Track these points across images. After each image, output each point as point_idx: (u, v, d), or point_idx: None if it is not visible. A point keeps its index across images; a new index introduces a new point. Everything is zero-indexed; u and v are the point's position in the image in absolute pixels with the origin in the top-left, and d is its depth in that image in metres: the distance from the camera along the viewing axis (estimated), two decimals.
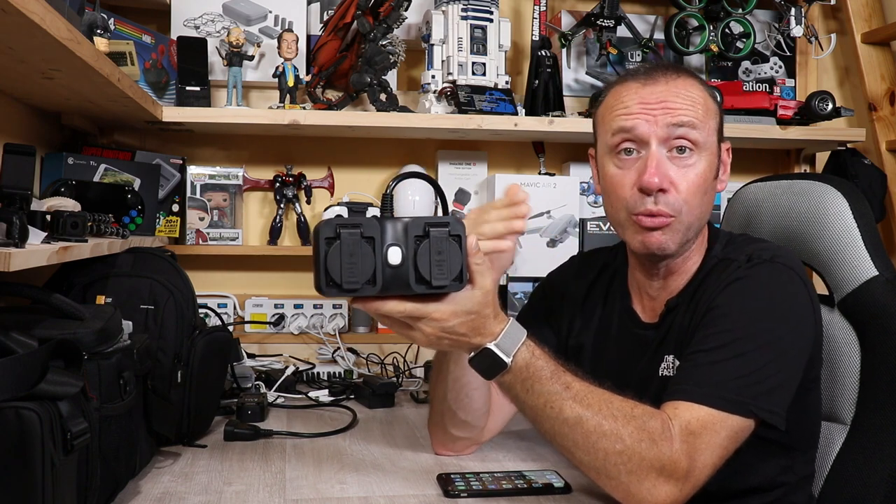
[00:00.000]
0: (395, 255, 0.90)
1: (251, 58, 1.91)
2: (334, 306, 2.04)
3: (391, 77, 1.99)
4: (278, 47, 1.88)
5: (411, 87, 2.14)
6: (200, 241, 2.00)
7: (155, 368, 1.27)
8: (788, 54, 2.18)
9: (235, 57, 1.86)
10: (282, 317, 2.01)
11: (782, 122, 2.00)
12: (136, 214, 1.60)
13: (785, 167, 2.27)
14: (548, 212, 2.02)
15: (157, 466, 1.23)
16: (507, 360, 0.98)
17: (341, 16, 1.90)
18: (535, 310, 1.37)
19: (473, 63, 1.93)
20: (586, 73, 2.16)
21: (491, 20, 1.94)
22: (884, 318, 1.21)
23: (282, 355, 1.96)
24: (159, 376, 1.29)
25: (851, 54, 2.19)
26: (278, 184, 2.04)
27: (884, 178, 2.06)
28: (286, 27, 1.96)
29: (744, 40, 2.10)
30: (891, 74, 2.14)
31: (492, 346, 0.98)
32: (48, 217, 1.12)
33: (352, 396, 1.73)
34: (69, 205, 1.27)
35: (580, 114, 2.04)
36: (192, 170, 2.01)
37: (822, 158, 2.20)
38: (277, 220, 2.04)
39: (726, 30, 2.09)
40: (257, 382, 1.73)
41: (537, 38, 2.04)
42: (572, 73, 2.16)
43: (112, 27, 1.72)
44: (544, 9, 2.06)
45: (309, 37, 2.03)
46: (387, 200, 0.96)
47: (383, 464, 1.26)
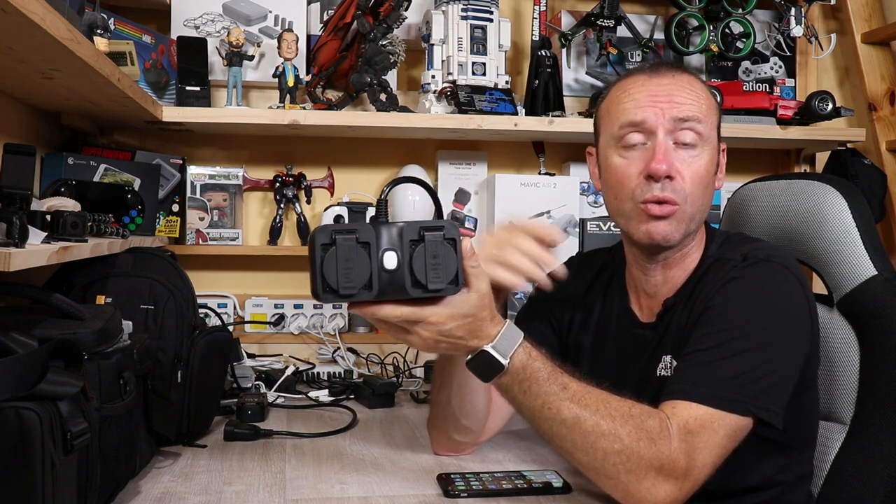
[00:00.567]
0: (390, 260, 0.91)
1: (251, 58, 1.91)
2: (334, 306, 2.03)
3: (391, 77, 1.99)
4: (278, 47, 1.88)
5: (411, 87, 2.14)
6: (200, 241, 2.00)
7: (155, 368, 1.27)
8: (788, 54, 2.18)
9: (235, 57, 1.86)
10: (282, 317, 2.01)
11: (782, 122, 2.00)
12: (136, 214, 1.60)
13: (785, 167, 2.27)
14: (548, 212, 2.02)
15: (157, 466, 1.23)
16: (505, 362, 0.98)
17: (341, 16, 1.90)
18: (534, 309, 1.37)
19: (473, 63, 1.93)
20: (586, 73, 2.17)
21: (491, 20, 1.94)
22: (883, 318, 1.21)
23: (282, 355, 1.96)
24: (159, 376, 1.29)
25: (851, 54, 2.19)
26: (278, 184, 2.04)
27: (884, 178, 2.06)
28: (286, 27, 1.96)
29: (744, 40, 2.10)
30: (891, 74, 2.14)
31: (489, 348, 0.98)
32: (48, 217, 1.12)
33: (352, 396, 1.73)
34: (69, 205, 1.27)
35: (580, 114, 2.04)
36: (192, 170, 2.01)
37: (822, 158, 2.20)
38: (277, 220, 2.04)
39: (726, 30, 2.09)
40: (257, 382, 1.73)
41: (537, 38, 2.04)
42: (572, 73, 2.16)
43: (112, 27, 1.72)
44: (544, 9, 2.06)
45: (309, 37, 2.03)
46: (382, 205, 0.96)
47: (383, 464, 1.26)
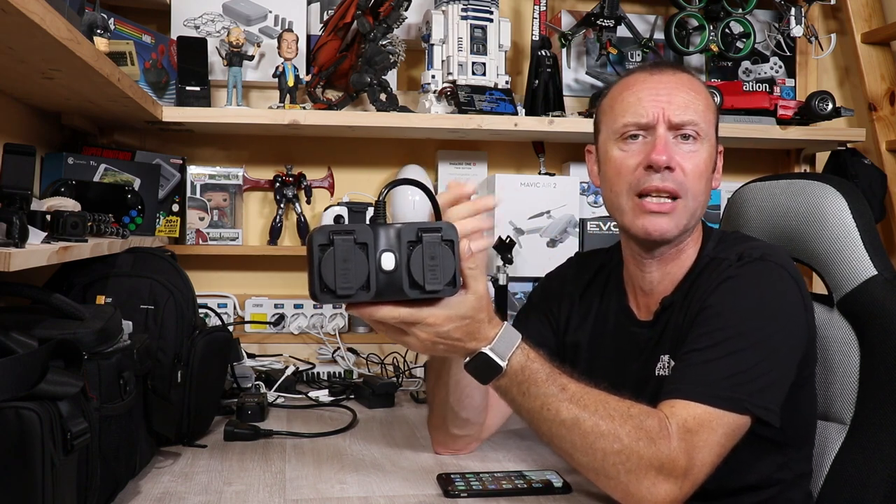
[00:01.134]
0: (388, 261, 0.91)
1: (251, 58, 1.91)
2: (334, 306, 2.03)
3: (391, 77, 1.99)
4: (278, 47, 1.88)
5: (411, 87, 2.14)
6: (200, 241, 2.00)
7: (155, 368, 1.27)
8: (788, 54, 2.18)
9: (235, 57, 1.86)
10: (282, 317, 2.01)
11: (782, 122, 2.00)
12: (136, 214, 1.60)
13: (785, 167, 2.27)
14: (548, 212, 2.02)
15: (157, 466, 1.23)
16: (503, 363, 0.98)
17: (341, 16, 1.90)
18: (533, 309, 1.38)
19: (473, 63, 1.93)
20: (586, 73, 2.17)
21: (491, 20, 1.94)
22: (883, 318, 1.21)
23: (282, 355, 1.96)
24: (159, 376, 1.29)
25: (851, 54, 2.19)
26: (278, 184, 2.04)
27: (884, 178, 2.06)
28: (286, 27, 1.96)
29: (744, 40, 2.10)
30: (891, 74, 2.14)
31: (487, 350, 0.98)
32: (48, 217, 1.12)
33: (352, 396, 1.73)
34: (69, 205, 1.27)
35: (580, 114, 2.04)
36: (192, 170, 2.01)
37: (822, 158, 2.20)
38: (277, 220, 2.04)
39: (726, 30, 2.09)
40: (257, 382, 1.73)
41: (537, 38, 2.04)
42: (572, 73, 2.16)
43: (112, 27, 1.72)
44: (544, 9, 2.06)
45: (309, 37, 2.03)
46: (380, 207, 0.96)
47: (383, 464, 1.26)
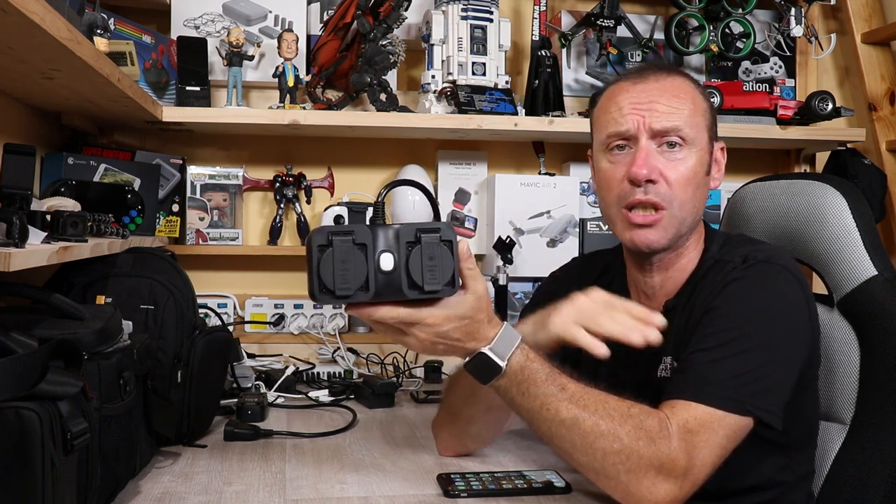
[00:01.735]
0: (387, 262, 0.91)
1: (251, 58, 1.91)
2: (334, 307, 2.03)
3: (391, 77, 1.99)
4: (278, 47, 1.88)
5: (411, 87, 2.14)
6: (200, 241, 2.00)
7: (155, 368, 1.27)
8: (788, 54, 2.18)
9: (235, 57, 1.86)
10: (282, 317, 2.01)
11: (782, 122, 2.00)
12: (136, 214, 1.60)
13: (785, 167, 2.27)
14: (548, 212, 2.02)
15: (157, 466, 1.23)
16: (502, 364, 0.98)
17: (341, 16, 1.90)
18: (536, 309, 1.37)
19: (473, 63, 1.93)
20: (586, 73, 2.16)
21: (491, 20, 1.94)
22: (883, 318, 1.21)
23: (282, 355, 1.96)
24: (159, 376, 1.29)
25: (851, 54, 2.19)
26: (278, 184, 2.04)
27: (884, 178, 2.06)
28: (286, 27, 1.96)
29: (744, 40, 2.10)
30: (891, 74, 2.14)
31: (486, 350, 0.98)
32: (48, 217, 1.12)
33: (352, 396, 1.73)
34: (69, 205, 1.27)
35: (580, 114, 2.04)
36: (192, 170, 2.01)
37: (822, 158, 2.20)
38: (277, 220, 2.04)
39: (726, 30, 2.09)
40: (257, 382, 1.73)
41: (537, 38, 2.04)
42: (572, 73, 2.16)
43: (112, 27, 1.72)
44: (544, 9, 2.06)
45: (309, 37, 2.03)
46: (379, 208, 0.96)
47: (383, 464, 1.26)
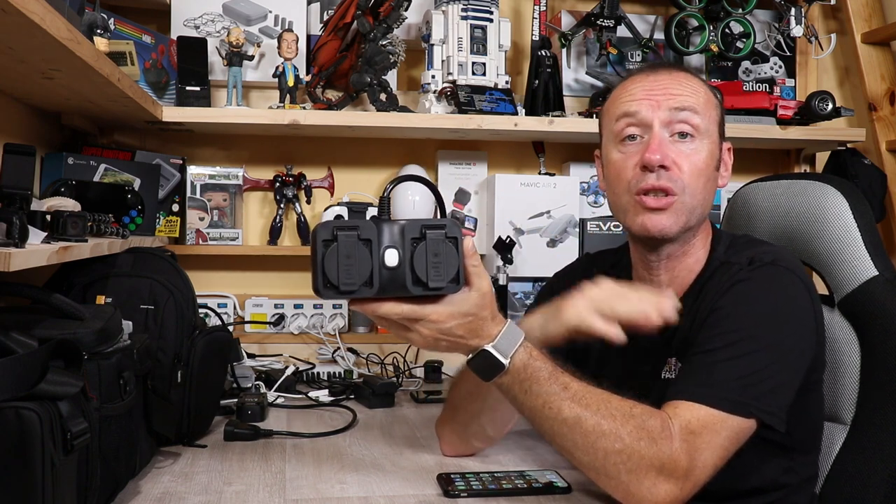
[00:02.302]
0: (391, 257, 0.91)
1: (251, 58, 1.91)
2: (334, 306, 2.03)
3: (391, 77, 1.99)
4: (278, 47, 1.88)
5: (411, 87, 2.14)
6: (200, 241, 2.00)
7: (155, 368, 1.27)
8: (788, 54, 2.18)
9: (235, 57, 1.86)
10: (282, 317, 2.01)
11: (782, 122, 2.00)
12: (136, 214, 1.60)
13: (785, 167, 2.27)
14: (548, 212, 2.02)
15: (157, 466, 1.23)
16: (505, 361, 0.98)
17: (341, 16, 1.90)
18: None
19: (473, 63, 1.93)
20: (586, 73, 2.16)
21: (491, 20, 1.94)
22: (884, 318, 1.21)
23: (282, 355, 1.96)
24: (159, 376, 1.29)
25: (851, 54, 2.19)
26: (278, 184, 2.04)
27: (884, 178, 2.06)
28: (286, 27, 1.96)
29: (744, 40, 2.10)
30: (891, 74, 2.14)
31: (489, 347, 0.98)
32: (48, 217, 1.12)
33: (352, 396, 1.73)
34: (69, 205, 1.27)
35: (580, 114, 2.04)
36: (192, 170, 2.01)
37: (822, 158, 2.20)
38: (277, 220, 2.04)
39: (726, 30, 2.09)
40: (257, 382, 1.73)
41: (537, 38, 2.04)
42: (572, 73, 2.16)
43: (112, 27, 1.72)
44: (544, 9, 2.06)
45: (309, 37, 2.03)
46: (384, 203, 0.96)
47: (383, 464, 1.26)
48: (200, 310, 1.48)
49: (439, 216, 1.00)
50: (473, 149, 2.16)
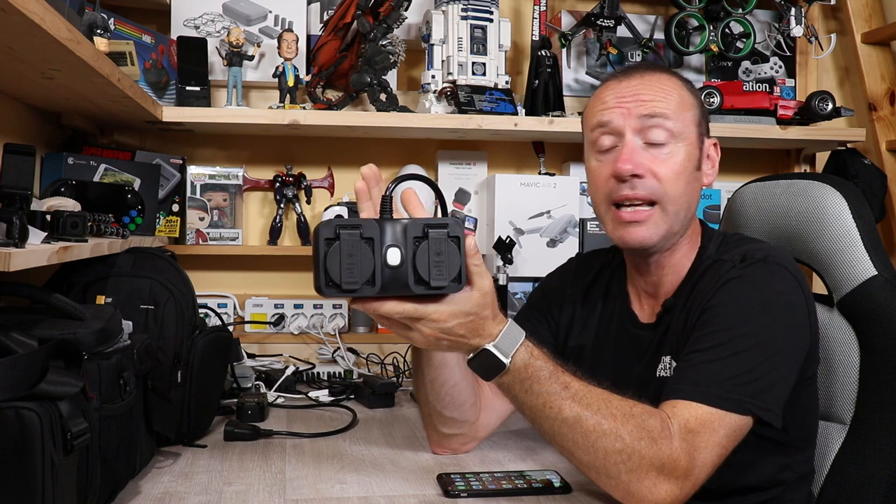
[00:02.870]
0: (394, 256, 0.91)
1: (251, 58, 1.91)
2: (334, 306, 2.04)
3: (391, 77, 1.99)
4: (278, 47, 1.88)
5: (411, 87, 2.14)
6: (200, 241, 2.00)
7: (155, 368, 1.27)
8: (788, 54, 2.18)
9: (235, 57, 1.86)
10: (282, 317, 2.01)
11: (782, 122, 2.00)
12: (136, 214, 1.60)
13: (785, 167, 2.27)
14: (548, 212, 2.02)
15: (157, 466, 1.23)
16: (506, 360, 0.98)
17: (341, 16, 1.90)
18: (533, 310, 1.37)
19: (473, 63, 1.93)
20: (586, 73, 2.17)
21: (491, 20, 1.94)
22: (883, 318, 1.21)
23: (282, 355, 1.97)
24: (159, 376, 1.29)
25: (851, 54, 2.19)
26: (278, 184, 2.04)
27: (884, 178, 2.06)
28: (286, 27, 1.96)
29: (744, 40, 2.10)
30: (891, 74, 2.14)
31: (490, 347, 0.98)
32: (48, 217, 1.12)
33: (352, 396, 1.73)
34: (69, 205, 1.27)
35: (580, 114, 2.03)
36: (192, 170, 2.01)
37: (822, 158, 2.20)
38: (277, 220, 2.04)
39: (726, 30, 2.09)
40: (257, 382, 1.73)
41: (537, 38, 2.04)
42: (572, 73, 2.16)
43: (112, 27, 1.72)
44: (544, 9, 2.06)
45: (309, 37, 2.03)
46: (386, 202, 0.96)
47: (383, 464, 1.26)
48: (200, 310, 1.48)
49: (441, 215, 1.00)
50: (473, 149, 2.16)
